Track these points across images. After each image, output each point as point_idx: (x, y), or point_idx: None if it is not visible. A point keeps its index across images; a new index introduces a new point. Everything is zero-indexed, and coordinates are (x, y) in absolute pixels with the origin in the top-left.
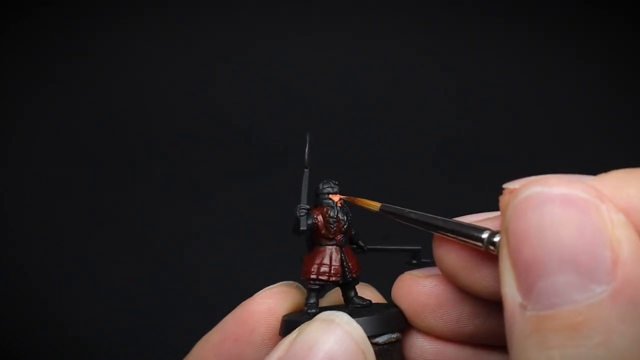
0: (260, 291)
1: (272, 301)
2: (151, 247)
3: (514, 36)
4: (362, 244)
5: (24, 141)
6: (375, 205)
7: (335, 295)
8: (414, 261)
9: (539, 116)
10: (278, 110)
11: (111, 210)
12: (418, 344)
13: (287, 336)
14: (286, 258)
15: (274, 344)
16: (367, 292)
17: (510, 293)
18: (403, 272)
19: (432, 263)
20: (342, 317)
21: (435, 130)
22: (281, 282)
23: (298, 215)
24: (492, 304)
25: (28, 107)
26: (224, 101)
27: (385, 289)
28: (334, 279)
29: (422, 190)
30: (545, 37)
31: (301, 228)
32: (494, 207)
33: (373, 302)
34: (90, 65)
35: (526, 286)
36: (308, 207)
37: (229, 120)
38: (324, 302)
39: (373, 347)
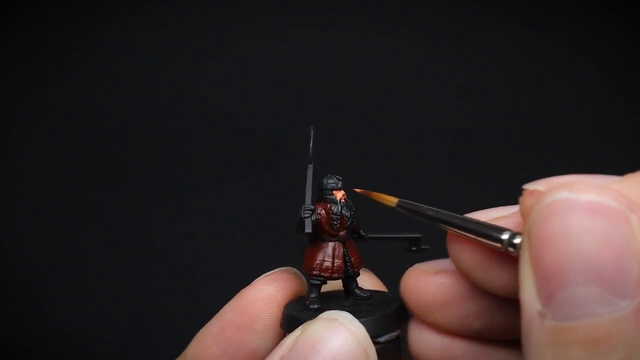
0: (259, 278)
1: (272, 288)
2: (147, 246)
3: (524, 36)
4: (364, 233)
5: (19, 140)
6: (392, 201)
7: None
8: (414, 248)
9: (547, 115)
10: (277, 108)
11: (106, 210)
12: (425, 338)
13: (290, 334)
14: (284, 256)
15: (275, 331)
16: (366, 277)
17: (529, 299)
18: (409, 263)
19: (431, 250)
20: (345, 317)
21: (442, 127)
22: (279, 268)
23: (302, 216)
24: (502, 301)
25: (22, 106)
26: (219, 99)
27: (386, 275)
28: (336, 275)
29: (426, 187)
30: (555, 37)
31: (306, 230)
32: (498, 204)
33: (372, 289)
34: (84, 63)
35: (546, 294)
36: (312, 207)
37: (227, 118)
38: (323, 287)
39: (375, 346)
